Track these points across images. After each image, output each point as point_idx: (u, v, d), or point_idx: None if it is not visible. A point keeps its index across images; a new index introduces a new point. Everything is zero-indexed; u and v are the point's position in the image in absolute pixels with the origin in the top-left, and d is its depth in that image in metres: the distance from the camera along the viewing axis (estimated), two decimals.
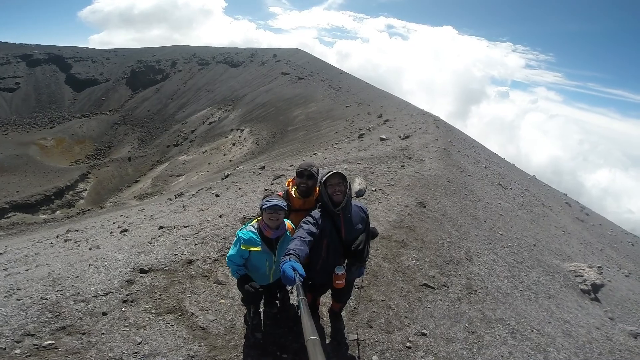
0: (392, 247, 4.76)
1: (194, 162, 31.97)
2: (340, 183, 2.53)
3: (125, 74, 60.17)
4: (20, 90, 53.82)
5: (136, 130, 46.27)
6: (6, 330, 3.21)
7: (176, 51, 67.13)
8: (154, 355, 3.00)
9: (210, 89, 52.05)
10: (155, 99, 53.29)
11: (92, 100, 54.80)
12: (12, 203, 28.21)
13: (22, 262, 6.91)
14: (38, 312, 3.55)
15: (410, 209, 6.17)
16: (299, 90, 41.88)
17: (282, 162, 15.46)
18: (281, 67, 51.63)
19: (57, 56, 61.13)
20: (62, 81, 57.73)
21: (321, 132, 25.31)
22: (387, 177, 8.08)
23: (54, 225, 22.35)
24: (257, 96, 44.15)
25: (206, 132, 39.53)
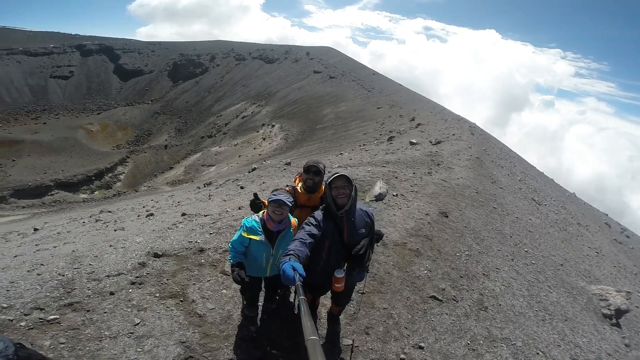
0: (405, 255, 4.56)
1: (226, 154, 32.87)
2: (345, 186, 2.48)
3: (167, 66, 63.32)
4: (74, 78, 58.41)
5: (174, 120, 48.56)
6: (19, 303, 3.42)
7: (215, 46, 69.46)
8: (148, 337, 3.06)
9: (246, 83, 53.45)
10: (194, 91, 55.68)
11: (137, 90, 58.39)
12: (57, 181, 30.69)
13: (54, 238, 7.44)
14: (52, 288, 3.76)
15: (430, 217, 5.90)
16: (330, 89, 41.85)
17: (307, 160, 15.50)
18: (313, 65, 51.90)
19: (108, 47, 65.57)
20: (110, 71, 61.96)
21: (349, 132, 25.13)
22: (411, 182, 7.82)
23: (91, 205, 24.05)
24: (289, 93, 44.69)
25: (239, 125, 40.56)
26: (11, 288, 3.78)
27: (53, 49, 61.41)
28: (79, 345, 2.95)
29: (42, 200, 28.85)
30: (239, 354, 2.94)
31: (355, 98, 36.73)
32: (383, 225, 5.36)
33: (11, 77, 54.02)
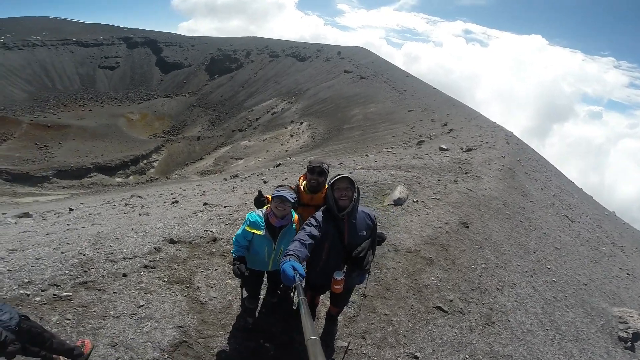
0: (416, 263, 4.39)
1: (254, 148, 33.55)
2: (347, 188, 2.45)
3: (205, 60, 65.59)
4: (119, 69, 62.15)
5: (208, 113, 50.37)
6: (39, 279, 3.65)
7: (251, 42, 71.04)
8: (148, 319, 3.16)
9: (278, 80, 54.31)
10: (229, 86, 57.38)
11: (175, 83, 61.10)
12: (96, 164, 32.88)
13: (85, 219, 7.94)
14: (72, 266, 3.99)
15: (450, 227, 5.66)
16: (359, 89, 41.47)
17: (332, 159, 15.42)
18: (344, 65, 51.65)
19: (152, 40, 68.91)
20: (153, 63, 65.14)
21: (378, 134, 24.78)
22: (435, 190, 7.56)
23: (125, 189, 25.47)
24: (319, 91, 44.82)
25: (269, 121, 41.27)
26: (35, 264, 4.06)
27: (102, 40, 65.56)
28: (83, 322, 3.10)
29: (81, 181, 31.06)
30: (232, 344, 2.96)
31: (386, 100, 36.15)
32: (398, 231, 5.21)
33: (64, 66, 58.50)
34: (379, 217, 5.66)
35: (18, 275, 3.75)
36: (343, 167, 10.71)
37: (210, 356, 2.83)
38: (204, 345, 2.92)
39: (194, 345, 2.89)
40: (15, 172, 29.10)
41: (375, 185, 7.23)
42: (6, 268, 3.93)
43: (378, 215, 5.70)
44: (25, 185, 28.48)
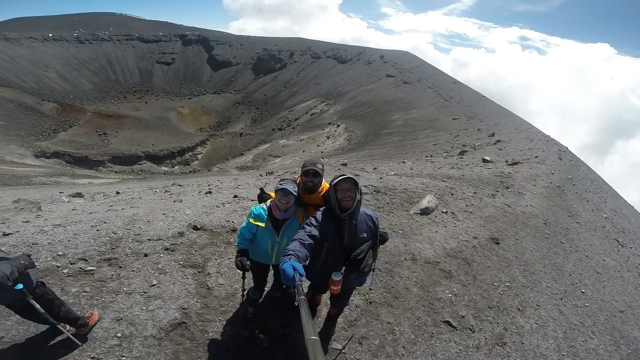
0: (433, 275, 4.15)
1: (291, 147, 34.11)
2: (351, 189, 2.40)
3: (252, 59, 67.89)
4: (174, 64, 66.25)
5: (251, 111, 52.23)
6: (71, 252, 3.98)
7: (294, 43, 72.25)
8: (156, 298, 3.30)
9: (318, 81, 54.84)
10: (272, 85, 59.04)
11: (224, 80, 63.95)
12: (146, 153, 35.62)
13: (126, 202, 8.52)
14: (102, 243, 4.32)
15: (478, 241, 5.29)
16: (402, 94, 40.50)
17: (366, 163, 15.18)
18: (387, 69, 50.81)
19: (204, 38, 72.54)
20: (204, 60, 68.59)
21: (418, 141, 24.01)
22: (468, 202, 7.16)
23: (169, 177, 27.17)
24: (358, 94, 44.52)
25: (307, 122, 41.77)
26: (72, 239, 4.44)
27: (161, 37, 70.31)
28: (98, 295, 3.31)
29: (132, 167, 33.82)
30: (228, 330, 3.01)
31: (430, 106, 34.95)
32: (419, 241, 4.98)
33: (126, 60, 63.71)
34: (401, 224, 5.48)
35: (54, 248, 4.13)
36: (377, 172, 10.49)
37: (204, 339, 2.89)
38: (201, 328, 2.98)
39: (192, 328, 2.96)
40: (76, 156, 32.50)
41: (404, 193, 7.01)
42: (47, 241, 4.36)
43: (401, 223, 5.51)
44: (84, 167, 31.66)
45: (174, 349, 2.72)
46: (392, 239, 4.97)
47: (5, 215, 6.53)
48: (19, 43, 54.81)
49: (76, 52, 59.86)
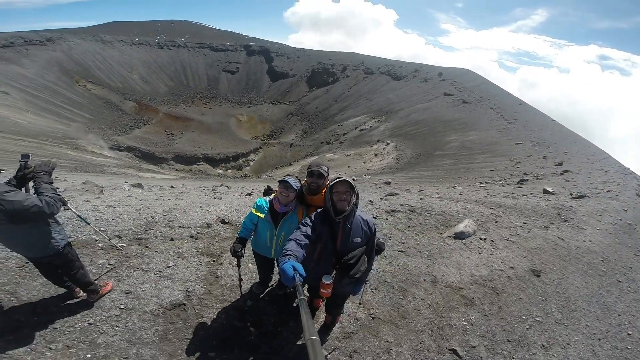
0: (452, 300, 3.77)
1: (337, 162, 34.20)
2: (346, 191, 2.36)
3: (307, 72, 69.62)
4: (238, 73, 70.27)
5: (303, 123, 53.65)
6: (111, 229, 4.43)
7: (348, 57, 72.73)
8: (167, 278, 3.49)
9: (370, 97, 54.61)
10: (324, 99, 60.13)
11: (280, 91, 66.65)
12: (205, 155, 38.51)
13: (174, 195, 9.24)
14: (139, 225, 4.74)
15: (515, 272, 4.75)
16: (460, 114, 38.52)
17: (412, 185, 14.56)
18: (445, 87, 48.80)
19: (266, 49, 76.10)
20: (264, 71, 71.86)
21: (473, 166, 22.50)
22: (513, 232, 6.54)
23: (221, 179, 28.92)
24: (412, 112, 43.36)
25: (355, 137, 41.60)
26: (117, 218, 4.95)
27: (228, 46, 75.21)
28: (118, 268, 3.62)
29: (190, 167, 36.79)
30: (222, 319, 3.05)
31: (490, 128, 32.70)
32: (445, 264, 4.61)
33: (197, 67, 69.15)
34: (429, 245, 5.16)
35: (99, 224, 4.64)
36: (420, 194, 10.04)
37: (197, 323, 2.96)
38: (197, 312, 3.07)
39: (189, 310, 3.06)
40: (145, 151, 36.41)
41: (441, 215, 6.64)
42: (95, 217, 4.93)
43: (429, 244, 5.20)
44: (149, 163, 35.26)
45: (165, 327, 2.83)
46: (415, 258, 4.67)
47: (72, 194, 7.50)
48: (112, 45, 62.67)
49: (157, 57, 66.59)
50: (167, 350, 2.61)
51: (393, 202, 7.54)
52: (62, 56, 52.19)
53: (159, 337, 2.71)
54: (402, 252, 4.82)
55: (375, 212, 6.41)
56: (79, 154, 27.20)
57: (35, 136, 27.35)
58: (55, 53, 51.40)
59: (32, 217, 2.25)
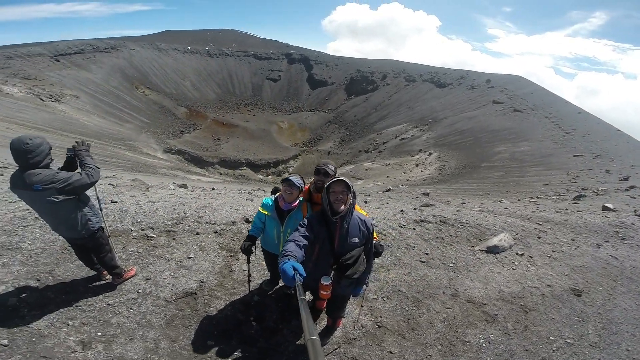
0: (471, 316, 3.50)
1: (375, 171, 33.56)
2: (343, 191, 2.34)
3: (345, 80, 69.60)
4: (280, 81, 72.16)
5: (341, 131, 53.66)
6: (145, 221, 4.82)
7: (388, 65, 71.34)
8: (185, 268, 3.72)
9: (411, 106, 53.08)
10: (363, 107, 59.61)
11: (319, 99, 67.42)
12: (247, 160, 40.19)
13: (212, 195, 9.76)
14: (171, 219, 5.11)
15: (551, 290, 4.31)
16: (510, 123, 36.01)
17: (455, 197, 13.86)
18: (494, 95, 45.94)
19: (306, 57, 77.53)
20: (304, 79, 73.12)
21: (524, 179, 20.83)
22: (557, 248, 5.97)
23: (261, 184, 29.96)
24: (457, 121, 41.39)
25: (395, 146, 40.58)
26: (153, 212, 5.38)
27: (271, 54, 77.64)
28: (145, 257, 3.91)
29: (234, 172, 38.60)
30: (227, 310, 3.16)
31: (545, 139, 30.13)
32: (471, 278, 4.32)
33: (243, 74, 72.11)
34: (456, 258, 4.89)
35: (137, 217, 5.08)
36: (464, 207, 9.56)
37: (203, 312, 3.09)
38: (206, 302, 3.20)
39: (198, 300, 3.21)
40: (193, 155, 38.99)
41: (475, 228, 6.28)
42: (134, 210, 5.39)
43: (456, 257, 4.94)
44: (197, 166, 37.64)
45: (173, 313, 2.99)
46: (437, 270, 4.44)
47: (121, 189, 8.28)
48: (167, 53, 67.66)
49: (206, 65, 70.59)
50: (170, 335, 2.76)
51: (426, 212, 7.26)
52: (124, 63, 57.58)
53: (165, 322, 2.88)
54: (424, 263, 4.61)
55: (402, 222, 6.22)
56: (135, 155, 29.89)
57: (98, 137, 30.63)
58: (118, 60, 56.95)
59: (79, 188, 2.65)
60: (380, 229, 5.74)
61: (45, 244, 3.81)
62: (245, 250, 2.91)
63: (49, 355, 2.40)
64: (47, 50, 47.60)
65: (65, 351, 2.49)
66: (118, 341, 2.65)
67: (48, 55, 46.62)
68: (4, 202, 5.11)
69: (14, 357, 2.37)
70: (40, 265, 3.44)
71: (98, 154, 24.24)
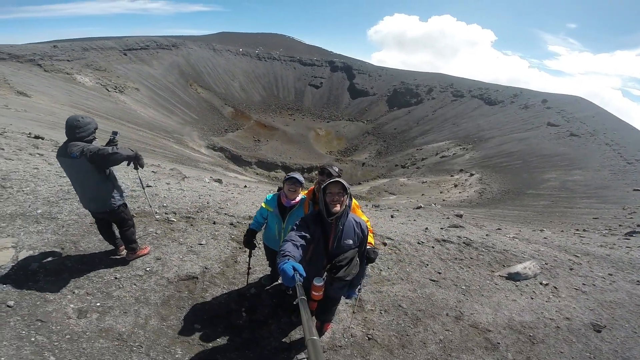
0: (469, 341, 3.28)
1: (410, 188, 32.46)
2: (339, 192, 2.34)
3: (388, 91, 68.60)
4: (321, 88, 73.09)
5: (378, 143, 52.94)
6: (171, 206, 5.21)
7: (435, 78, 68.92)
8: (194, 254, 3.94)
9: (457, 122, 50.92)
10: (404, 120, 58.39)
11: (359, 109, 67.12)
12: (283, 163, 41.29)
13: (239, 191, 10.13)
14: (194, 206, 5.47)
15: (568, 323, 3.95)
16: (565, 149, 33.22)
17: (491, 222, 13.04)
18: (549, 116, 42.69)
19: (349, 66, 77.62)
20: (345, 88, 73.28)
21: (572, 211, 19.12)
22: (589, 282, 5.46)
23: None
24: (505, 142, 39.00)
25: (435, 164, 38.97)
26: (180, 198, 5.79)
27: (315, 61, 79.14)
28: (160, 237, 4.20)
29: (269, 173, 39.81)
30: (222, 298, 3.29)
31: (602, 168, 27.46)
32: (482, 303, 4.07)
33: (287, 79, 74.13)
34: (470, 281, 4.65)
35: (164, 201, 5.49)
36: (498, 232, 9.04)
37: (199, 297, 3.24)
38: (204, 287, 3.36)
39: (198, 284, 3.37)
40: (234, 153, 40.89)
41: (501, 253, 5.92)
42: (164, 195, 5.82)
43: (471, 280, 4.69)
44: (236, 164, 39.36)
45: (171, 294, 3.17)
46: (447, 290, 4.23)
47: (159, 176, 8.92)
48: (221, 54, 71.44)
49: (255, 67, 73.44)
50: (162, 313, 2.93)
51: (451, 233, 6.97)
52: (182, 60, 61.87)
53: (162, 301, 3.06)
54: (434, 282, 4.42)
55: (422, 239, 6.02)
56: (181, 148, 31.96)
57: (151, 128, 33.24)
58: (177, 57, 61.37)
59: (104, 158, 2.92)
60: (396, 243, 5.60)
61: (79, 216, 4.24)
62: (247, 243, 3.04)
63: (45, 320, 2.65)
64: (118, 44, 52.70)
65: (61, 317, 2.73)
66: (112, 313, 2.86)
67: (118, 49, 51.61)
68: (56, 177, 5.76)
69: (14, 318, 2.63)
70: (68, 235, 3.83)
71: (148, 143, 26.33)
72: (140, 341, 2.60)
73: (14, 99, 23.58)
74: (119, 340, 2.57)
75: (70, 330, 2.57)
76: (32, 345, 2.40)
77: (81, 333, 2.57)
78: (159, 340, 2.64)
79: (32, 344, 2.41)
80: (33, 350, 2.35)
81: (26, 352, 2.32)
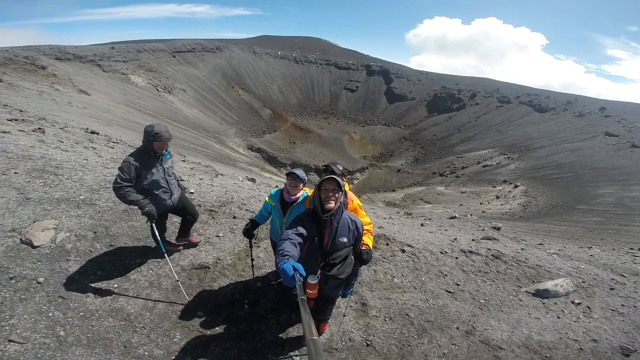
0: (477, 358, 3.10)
1: (448, 197, 31.00)
2: (334, 190, 2.35)
3: (428, 96, 65.90)
4: (357, 92, 72.04)
5: (416, 149, 51.15)
6: (197, 199, 5.56)
7: (479, 83, 65.26)
8: (211, 245, 4.18)
9: (502, 129, 47.83)
10: (444, 126, 55.89)
11: (396, 114, 65.31)
12: (316, 166, 41.51)
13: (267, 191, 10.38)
14: (219, 201, 5.79)
15: (594, 345, 3.60)
16: (624, 161, 29.93)
17: (533, 237, 12.15)
18: (608, 125, 38.52)
19: (386, 70, 75.72)
20: (382, 92, 71.59)
21: (628, 229, 17.18)
22: (630, 303, 4.92)
23: None
24: (555, 152, 35.96)
25: (476, 173, 36.86)
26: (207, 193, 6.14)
27: (350, 65, 78.02)
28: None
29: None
30: (228, 289, 3.44)
31: None
32: (499, 319, 3.84)
33: (323, 82, 74.08)
34: (490, 295, 4.39)
35: (192, 195, 5.85)
36: (539, 248, 8.44)
37: (206, 285, 3.42)
38: (213, 277, 3.53)
39: (208, 273, 3.56)
40: (270, 154, 42.06)
41: (532, 269, 5.53)
42: (193, 189, 6.16)
43: (492, 294, 4.42)
44: (271, 165, 40.42)
45: (182, 281, 3.38)
46: (462, 303, 4.03)
47: (194, 172, 9.46)
48: (260, 57, 73.24)
49: (292, 70, 74.49)
50: (170, 298, 3.14)
51: (481, 245, 6.62)
52: (225, 63, 64.54)
53: (172, 287, 3.27)
54: (450, 293, 4.23)
55: (446, 249, 5.80)
56: (222, 148, 33.54)
57: (195, 128, 35.26)
58: (220, 60, 64.14)
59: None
60: (416, 251, 5.43)
61: (114, 204, 4.65)
62: (245, 232, 3.14)
63: (66, 297, 2.95)
64: (167, 46, 56.48)
65: (79, 296, 3.01)
66: (127, 294, 3.11)
67: (167, 51, 55.27)
68: (102, 167, 6.36)
69: (40, 294, 2.94)
70: (102, 220, 4.23)
71: (192, 142, 28.02)
72: (145, 323, 2.81)
73: (76, 96, 26.24)
74: (126, 320, 2.80)
75: (85, 309, 2.85)
76: (48, 320, 2.67)
77: (94, 311, 2.83)
78: (162, 323, 2.84)
79: (49, 319, 2.69)
80: (47, 325, 2.63)
81: (40, 327, 2.60)
